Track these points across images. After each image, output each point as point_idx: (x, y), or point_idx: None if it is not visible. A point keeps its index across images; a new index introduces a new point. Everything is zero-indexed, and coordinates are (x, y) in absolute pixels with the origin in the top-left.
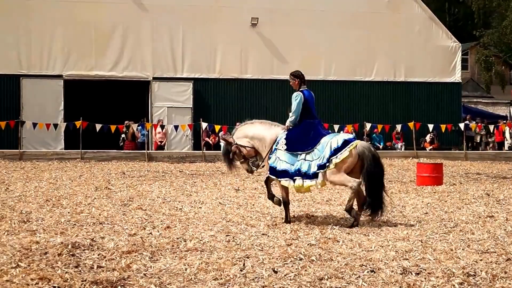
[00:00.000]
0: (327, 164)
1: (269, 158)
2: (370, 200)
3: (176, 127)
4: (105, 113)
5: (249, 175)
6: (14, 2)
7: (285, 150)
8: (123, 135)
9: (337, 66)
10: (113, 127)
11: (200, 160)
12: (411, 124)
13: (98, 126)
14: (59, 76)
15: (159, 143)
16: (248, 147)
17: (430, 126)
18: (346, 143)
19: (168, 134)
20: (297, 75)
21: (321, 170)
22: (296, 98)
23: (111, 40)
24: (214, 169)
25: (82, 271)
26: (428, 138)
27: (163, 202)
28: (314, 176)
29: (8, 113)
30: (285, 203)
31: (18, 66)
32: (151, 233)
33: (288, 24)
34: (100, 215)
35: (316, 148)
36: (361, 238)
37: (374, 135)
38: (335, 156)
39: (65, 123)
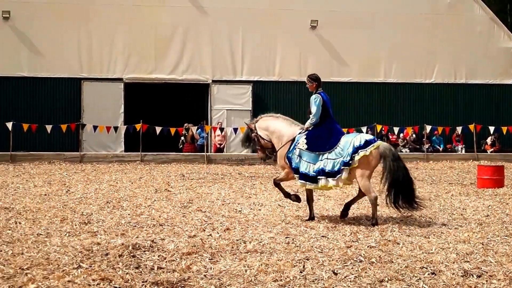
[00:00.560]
0: (350, 161)
1: (288, 157)
2: (397, 196)
3: (235, 129)
4: (165, 116)
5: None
6: (75, 6)
7: (306, 149)
8: (182, 138)
9: (397, 68)
10: (172, 130)
11: (259, 162)
12: (471, 127)
13: (158, 129)
14: (119, 79)
15: (218, 146)
16: (265, 140)
17: (491, 128)
18: (367, 143)
19: (227, 136)
20: (315, 78)
21: (346, 167)
22: (316, 101)
23: (171, 43)
24: (273, 171)
25: (142, 272)
26: (489, 140)
27: (223, 204)
28: (338, 173)
29: (69, 116)
30: (308, 200)
31: (79, 70)
32: (210, 234)
33: (347, 27)
34: (160, 216)
35: (338, 146)
36: (422, 241)
37: (434, 137)
38: (357, 153)
39: (125, 126)
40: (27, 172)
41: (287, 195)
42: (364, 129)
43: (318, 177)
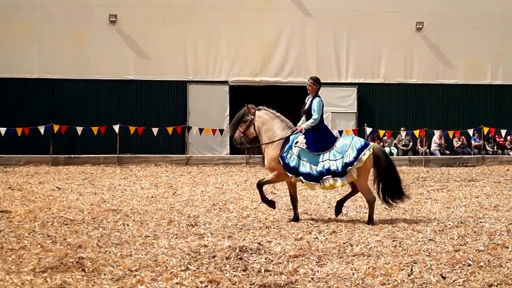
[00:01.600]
0: (355, 162)
1: (282, 157)
2: (393, 193)
3: (340, 132)
4: None
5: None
6: (181, 9)
7: (306, 149)
8: None
9: (504, 70)
10: None
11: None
12: None
13: None
14: (225, 82)
15: None
16: (255, 130)
17: None
18: (366, 145)
19: None
20: (318, 81)
21: (350, 167)
22: (320, 104)
23: (275, 46)
24: None
25: (250, 274)
26: None
27: (328, 207)
28: (346, 173)
29: (175, 119)
30: (293, 200)
31: (185, 72)
32: (317, 237)
33: (453, 28)
34: (266, 219)
35: (335, 148)
36: None
37: None
38: (363, 153)
39: None
40: (134, 174)
41: (265, 199)
42: (470, 131)
43: (324, 177)
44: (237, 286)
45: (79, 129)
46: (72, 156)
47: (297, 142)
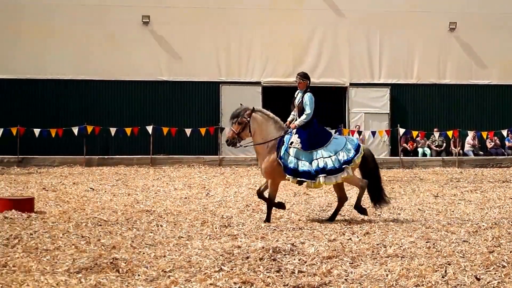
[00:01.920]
0: (351, 160)
1: (281, 158)
2: (376, 193)
3: (373, 132)
4: None
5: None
6: (213, 10)
7: (301, 148)
8: None
9: None
10: None
11: (398, 166)
12: None
13: None
14: (257, 83)
15: None
16: (249, 131)
17: None
18: (359, 145)
19: (365, 140)
20: (306, 76)
21: (347, 165)
22: (312, 100)
23: (308, 46)
24: (412, 175)
25: (283, 275)
26: None
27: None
28: (340, 170)
29: (208, 120)
30: (272, 202)
31: (218, 73)
32: (350, 238)
33: (486, 28)
34: (299, 220)
35: (330, 144)
36: None
37: None
38: (359, 152)
39: None
40: (167, 175)
41: (274, 205)
42: (504, 132)
43: (319, 175)
44: (271, 287)
45: (113, 130)
46: (106, 157)
47: (292, 143)
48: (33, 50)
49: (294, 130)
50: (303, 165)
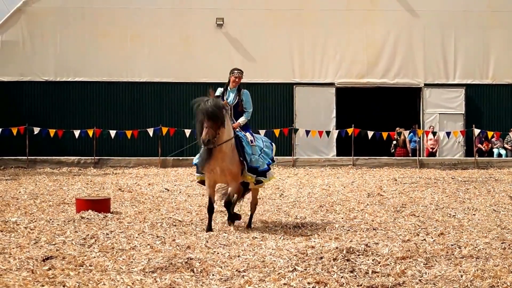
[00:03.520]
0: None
1: (249, 160)
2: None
3: (448, 133)
4: (377, 120)
5: None
6: (288, 11)
7: (256, 146)
8: (394, 142)
9: None
10: (384, 134)
11: (473, 167)
12: None
13: (369, 133)
14: (331, 84)
15: (430, 150)
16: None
17: None
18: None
19: (439, 140)
20: (242, 72)
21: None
22: (249, 95)
23: (382, 47)
24: (487, 176)
25: (357, 276)
26: None
27: (436, 209)
28: (269, 169)
29: (282, 121)
30: (212, 209)
31: (292, 75)
32: (424, 239)
33: None
34: (373, 221)
35: (256, 143)
36: None
37: None
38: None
39: (337, 130)
40: None
41: (232, 216)
42: None
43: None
44: (344, 287)
45: (187, 132)
46: (180, 158)
47: (251, 141)
48: (110, 54)
49: (238, 129)
50: (261, 164)
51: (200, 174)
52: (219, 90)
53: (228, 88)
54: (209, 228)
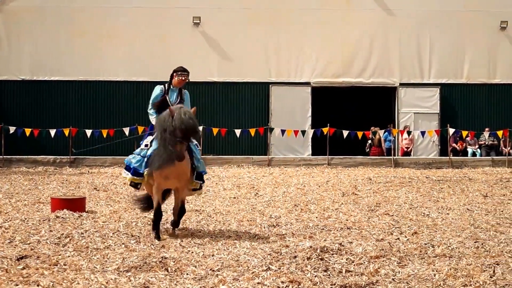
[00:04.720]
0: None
1: (195, 163)
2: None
3: (422, 132)
4: (352, 120)
5: None
6: (264, 11)
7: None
8: (369, 141)
9: None
10: (359, 133)
11: (447, 166)
12: None
13: (345, 132)
14: (307, 83)
15: (405, 149)
16: None
17: None
18: None
19: (414, 140)
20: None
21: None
22: (189, 95)
23: (358, 46)
24: (461, 175)
25: (331, 275)
26: None
27: (410, 208)
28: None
29: (258, 120)
30: (159, 217)
31: (268, 74)
32: (398, 238)
33: None
34: (347, 220)
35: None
36: None
37: None
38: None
39: (313, 130)
40: (216, 175)
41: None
42: None
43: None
44: (318, 286)
45: None
46: None
47: (196, 145)
48: (86, 53)
49: None
50: (201, 167)
51: (138, 177)
52: (159, 88)
53: (171, 86)
54: (159, 236)
